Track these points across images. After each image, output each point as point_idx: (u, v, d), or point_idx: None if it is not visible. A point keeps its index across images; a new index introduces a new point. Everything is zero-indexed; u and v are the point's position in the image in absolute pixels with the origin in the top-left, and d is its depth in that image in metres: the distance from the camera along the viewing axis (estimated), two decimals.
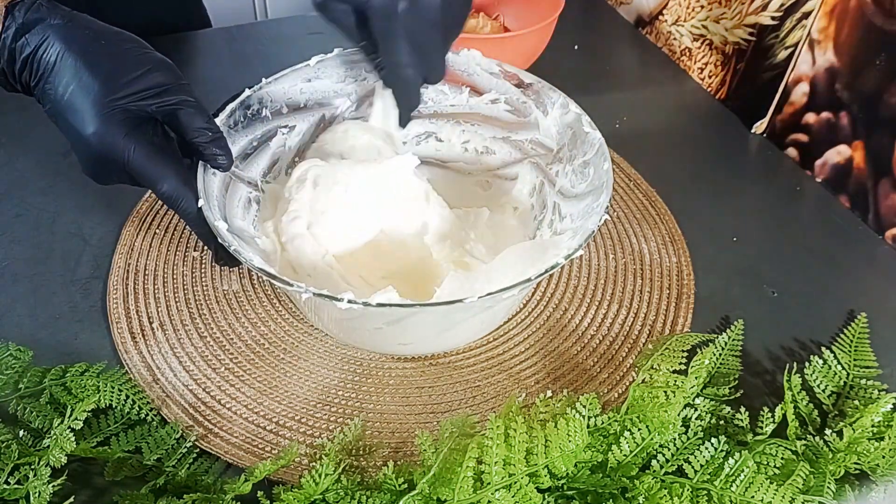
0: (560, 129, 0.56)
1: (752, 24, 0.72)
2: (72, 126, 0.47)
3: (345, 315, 0.48)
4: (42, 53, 0.47)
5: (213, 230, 0.45)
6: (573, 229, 0.50)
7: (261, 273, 0.43)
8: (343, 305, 0.41)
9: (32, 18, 0.47)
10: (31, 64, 0.47)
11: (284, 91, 0.56)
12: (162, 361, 0.52)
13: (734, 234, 0.64)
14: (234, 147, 0.51)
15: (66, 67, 0.47)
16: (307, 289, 0.41)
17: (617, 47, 0.88)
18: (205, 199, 0.47)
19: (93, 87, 0.47)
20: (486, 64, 0.58)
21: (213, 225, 0.45)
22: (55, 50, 0.47)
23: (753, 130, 0.75)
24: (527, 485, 0.41)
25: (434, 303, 0.43)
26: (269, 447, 0.48)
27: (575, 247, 0.45)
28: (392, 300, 0.44)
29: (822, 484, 0.43)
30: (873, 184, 0.64)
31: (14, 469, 0.42)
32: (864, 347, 0.53)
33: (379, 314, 0.46)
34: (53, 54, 0.47)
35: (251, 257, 0.43)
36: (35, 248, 0.60)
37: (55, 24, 0.47)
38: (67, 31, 0.48)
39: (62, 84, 0.47)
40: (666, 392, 0.46)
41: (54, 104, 0.47)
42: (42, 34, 0.47)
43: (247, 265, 0.43)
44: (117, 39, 0.49)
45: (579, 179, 0.53)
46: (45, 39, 0.47)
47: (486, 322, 0.53)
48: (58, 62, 0.47)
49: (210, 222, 0.46)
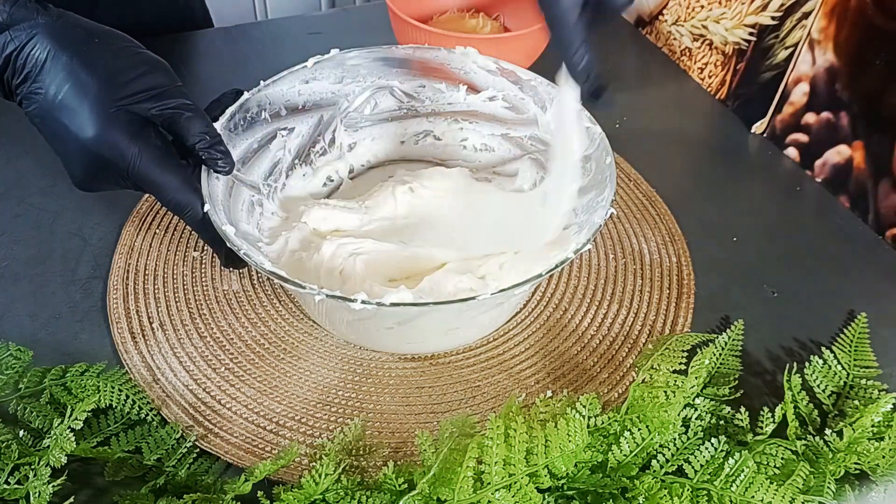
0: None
1: (752, 24, 0.72)
2: (66, 128, 0.45)
3: (356, 316, 0.48)
4: (30, 51, 0.44)
5: (222, 235, 0.45)
6: (578, 224, 0.50)
7: (272, 276, 0.43)
8: (357, 306, 0.41)
9: (19, 15, 0.44)
10: (14, 62, 0.44)
11: (283, 93, 0.56)
12: (162, 361, 0.52)
13: (734, 234, 0.64)
14: (234, 151, 0.51)
15: (58, 66, 0.44)
16: (320, 291, 0.41)
17: (617, 47, 0.88)
18: (210, 204, 0.46)
19: (92, 86, 0.45)
20: (483, 61, 0.58)
21: (220, 230, 0.45)
22: (44, 48, 0.44)
23: (753, 130, 0.75)
24: (527, 485, 0.40)
25: (447, 301, 0.43)
26: (269, 447, 0.48)
27: (583, 241, 0.45)
28: (405, 299, 0.44)
29: (822, 484, 0.43)
30: (873, 184, 0.64)
31: (14, 469, 0.42)
32: (864, 347, 0.53)
33: (391, 314, 0.46)
34: (43, 52, 0.44)
35: (262, 261, 0.43)
36: (35, 248, 0.60)
37: (44, 21, 0.45)
38: (57, 28, 0.45)
39: (55, 84, 0.44)
40: (666, 392, 0.46)
41: (43, 105, 0.45)
42: (30, 31, 0.44)
43: (258, 269, 0.43)
44: (111, 38, 0.47)
45: (581, 174, 0.53)
46: (33, 37, 0.44)
47: (494, 319, 0.53)
48: (48, 60, 0.44)
49: (217, 227, 0.45)
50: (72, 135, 0.45)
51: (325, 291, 0.41)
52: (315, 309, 0.52)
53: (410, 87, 0.60)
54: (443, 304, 0.43)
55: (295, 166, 0.60)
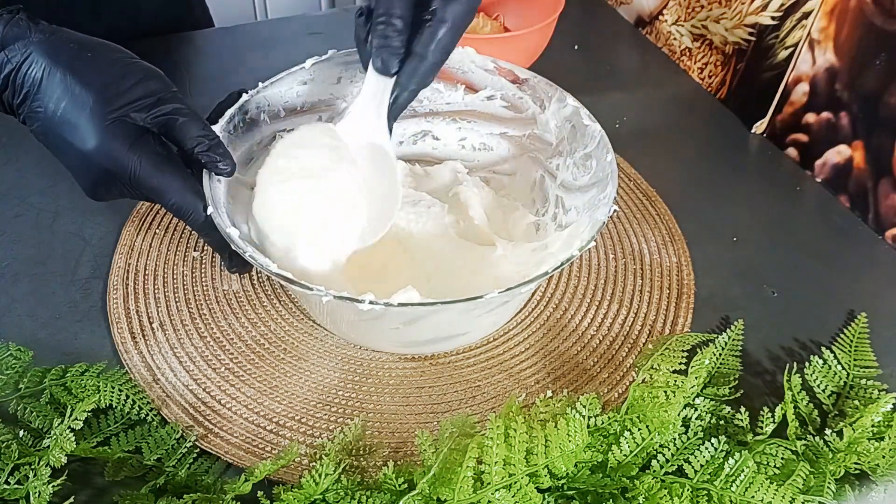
0: (559, 123, 0.56)
1: (752, 24, 0.72)
2: (68, 143, 0.46)
3: (362, 317, 0.48)
4: (26, 70, 0.45)
5: (226, 237, 0.45)
6: (580, 222, 0.50)
7: (278, 278, 0.43)
8: (365, 307, 0.41)
9: (12, 34, 0.45)
10: (13, 82, 0.45)
11: (281, 94, 0.56)
12: (162, 361, 0.52)
13: (734, 234, 0.64)
14: (235, 153, 0.51)
15: (54, 83, 0.45)
16: (327, 292, 0.41)
17: (617, 47, 0.88)
18: (213, 207, 0.46)
19: (87, 100, 0.45)
20: (481, 61, 0.58)
21: (224, 232, 0.45)
22: (40, 66, 0.45)
23: (753, 130, 0.75)
24: (527, 485, 0.41)
25: (455, 300, 0.43)
26: (270, 447, 0.48)
27: (587, 238, 0.45)
28: (413, 299, 0.44)
29: (822, 484, 0.43)
30: (873, 184, 0.64)
31: (14, 469, 0.42)
32: (864, 347, 0.53)
33: (399, 314, 0.46)
34: (38, 71, 0.45)
35: (267, 263, 0.43)
36: (35, 248, 0.60)
37: (37, 39, 0.46)
38: (50, 45, 0.46)
39: (53, 100, 0.45)
40: (666, 392, 0.46)
41: (44, 122, 0.46)
42: (24, 50, 0.45)
43: (263, 271, 0.43)
44: (103, 50, 0.48)
45: (581, 172, 0.53)
46: (27, 56, 0.45)
47: (500, 315, 0.53)
48: (45, 78, 0.45)
49: (221, 230, 0.45)
50: (74, 149, 0.46)
51: (333, 292, 0.41)
52: (318, 310, 0.52)
53: None
54: (451, 303, 0.43)
55: None
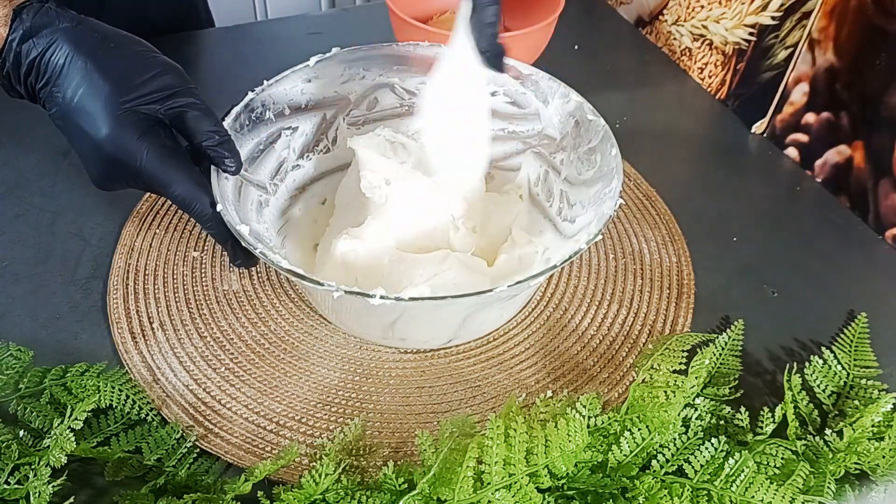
0: (562, 119, 0.56)
1: (752, 24, 0.72)
2: (82, 129, 0.47)
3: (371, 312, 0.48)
4: (50, 56, 0.47)
5: (236, 235, 0.45)
6: (586, 216, 0.50)
7: (289, 275, 0.43)
8: (376, 301, 0.41)
9: (40, 22, 0.47)
10: (38, 67, 0.47)
11: (286, 92, 0.56)
12: (162, 361, 0.52)
13: (734, 234, 0.64)
14: (241, 151, 0.51)
15: (75, 70, 0.47)
16: (338, 287, 0.41)
17: (617, 47, 0.88)
18: (222, 204, 0.47)
19: (104, 89, 0.47)
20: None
21: (234, 230, 0.45)
22: (64, 53, 0.47)
23: (753, 130, 0.75)
24: (527, 485, 0.41)
25: (464, 294, 0.43)
26: (270, 447, 0.48)
27: (594, 232, 0.45)
28: (423, 294, 0.44)
29: (822, 484, 0.43)
30: (873, 184, 0.64)
31: (14, 469, 0.42)
32: (864, 347, 0.53)
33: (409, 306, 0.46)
34: (62, 57, 0.47)
35: (278, 259, 0.44)
36: (35, 248, 0.60)
37: (63, 27, 0.47)
38: (76, 34, 0.47)
39: (71, 87, 0.47)
40: (666, 392, 0.46)
41: (62, 107, 0.47)
42: (50, 37, 0.47)
43: (274, 268, 0.43)
44: (126, 42, 0.50)
45: (586, 167, 0.53)
46: (53, 42, 0.47)
47: (506, 310, 0.54)
48: (66, 65, 0.47)
49: (232, 227, 0.46)
50: (87, 135, 0.47)
51: (344, 287, 0.41)
52: (325, 304, 0.52)
53: (412, 84, 0.60)
54: (460, 297, 0.43)
55: (299, 165, 0.60)
